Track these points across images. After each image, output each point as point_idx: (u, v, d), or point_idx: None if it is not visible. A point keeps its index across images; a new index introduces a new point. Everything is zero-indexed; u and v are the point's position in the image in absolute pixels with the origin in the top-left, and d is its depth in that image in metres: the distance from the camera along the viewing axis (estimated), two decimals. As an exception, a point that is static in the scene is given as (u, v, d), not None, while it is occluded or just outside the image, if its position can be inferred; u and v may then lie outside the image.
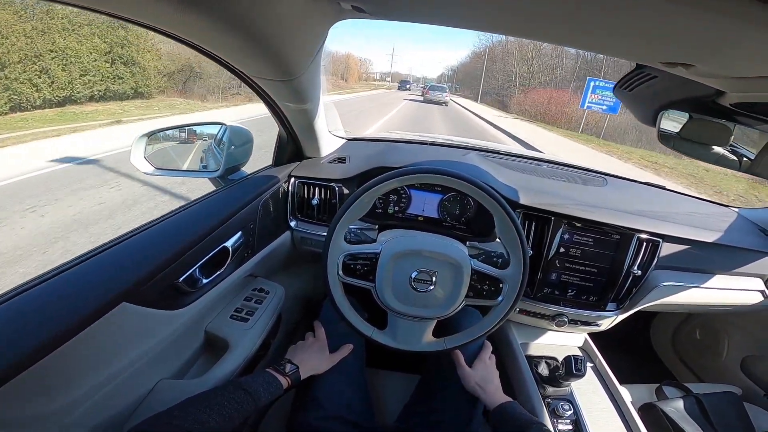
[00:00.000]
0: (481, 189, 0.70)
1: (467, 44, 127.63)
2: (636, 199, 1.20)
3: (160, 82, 12.56)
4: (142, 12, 0.46)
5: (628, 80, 0.67)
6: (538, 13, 0.45)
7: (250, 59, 0.61)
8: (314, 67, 0.74)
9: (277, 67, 0.65)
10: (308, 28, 0.61)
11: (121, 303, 0.55)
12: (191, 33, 0.52)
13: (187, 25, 0.47)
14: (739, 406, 1.12)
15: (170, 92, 13.05)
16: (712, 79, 0.50)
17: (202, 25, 0.47)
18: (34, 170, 4.32)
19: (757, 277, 1.12)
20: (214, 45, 0.57)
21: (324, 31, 0.66)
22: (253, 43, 0.55)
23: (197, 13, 0.44)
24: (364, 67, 63.56)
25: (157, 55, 12.23)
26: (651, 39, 0.44)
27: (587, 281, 1.04)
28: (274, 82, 0.73)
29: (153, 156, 1.01)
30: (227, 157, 0.99)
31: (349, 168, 1.13)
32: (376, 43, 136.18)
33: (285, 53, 0.62)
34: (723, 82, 0.50)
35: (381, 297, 0.75)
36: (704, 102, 0.59)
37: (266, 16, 0.50)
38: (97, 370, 0.54)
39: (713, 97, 0.57)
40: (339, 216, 0.74)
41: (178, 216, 0.77)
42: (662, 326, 1.73)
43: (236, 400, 0.60)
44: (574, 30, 0.48)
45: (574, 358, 0.86)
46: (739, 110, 0.60)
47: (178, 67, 13.30)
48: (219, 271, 0.80)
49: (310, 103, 0.90)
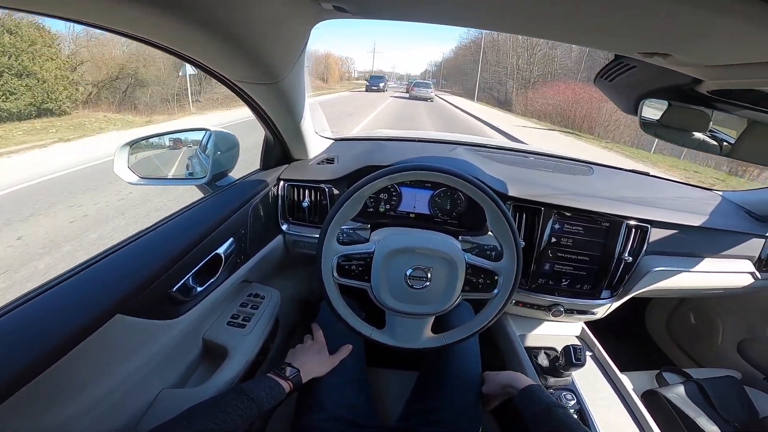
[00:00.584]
0: (470, 183, 0.71)
1: (452, 38, 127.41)
2: (622, 187, 1.22)
3: (75, 93, 10.48)
4: (121, 21, 0.45)
5: (608, 71, 0.69)
6: (517, 6, 0.46)
7: (233, 63, 0.61)
8: (298, 69, 0.74)
9: (260, 70, 0.65)
10: (290, 30, 0.61)
11: (115, 315, 0.55)
12: (171, 39, 0.51)
13: (167, 31, 0.46)
14: (740, 389, 1.12)
15: (106, 105, 11.08)
16: (689, 67, 0.51)
17: (182, 31, 0.46)
18: None
19: (746, 258, 1.14)
20: (195, 50, 0.56)
21: (306, 32, 0.66)
22: (234, 48, 0.54)
23: (176, 19, 0.43)
24: (346, 66, 62.39)
25: (67, 62, 10.39)
26: (628, 30, 0.45)
27: (580, 270, 1.06)
28: (258, 86, 0.72)
29: (137, 165, 0.99)
30: (213, 163, 0.97)
31: (337, 168, 1.13)
32: (358, 41, 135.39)
33: (268, 56, 0.62)
34: (699, 71, 0.51)
35: (377, 296, 0.75)
36: (682, 90, 0.61)
37: (247, 19, 0.50)
38: (97, 383, 0.54)
39: (691, 85, 0.59)
40: (330, 218, 0.74)
41: (168, 225, 0.76)
42: (656, 312, 1.76)
43: (240, 406, 0.60)
44: (552, 22, 0.48)
45: (573, 348, 0.86)
46: (716, 97, 0.61)
47: (110, 75, 11.41)
48: (212, 279, 0.79)
49: (296, 105, 0.89)
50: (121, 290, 0.57)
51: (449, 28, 63.25)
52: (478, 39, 32.66)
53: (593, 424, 0.83)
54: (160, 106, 12.66)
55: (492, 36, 27.79)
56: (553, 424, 0.64)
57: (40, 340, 0.46)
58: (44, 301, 0.52)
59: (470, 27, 0.55)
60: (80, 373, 0.51)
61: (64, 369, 0.47)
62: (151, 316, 0.63)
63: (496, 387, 0.82)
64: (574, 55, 21.86)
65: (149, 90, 12.69)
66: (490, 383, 0.84)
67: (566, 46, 20.11)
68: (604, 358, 1.03)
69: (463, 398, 0.82)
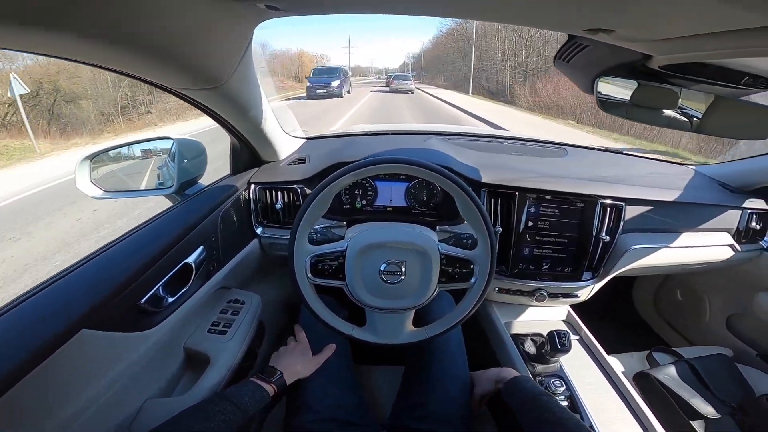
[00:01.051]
0: (435, 171, 0.70)
1: (430, 29, 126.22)
2: (596, 166, 1.22)
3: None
4: (50, 46, 0.43)
5: (564, 52, 0.69)
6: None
7: (169, 72, 0.59)
8: (243, 71, 0.73)
9: (199, 75, 0.63)
10: (225, 34, 0.60)
11: (80, 330, 0.54)
12: (97, 57, 0.49)
13: (92, 49, 0.45)
14: (732, 367, 1.10)
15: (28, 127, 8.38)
16: (636, 43, 0.51)
17: (109, 46, 0.45)
18: None
19: (724, 231, 1.15)
20: (127, 64, 0.54)
21: (244, 34, 0.65)
22: (167, 56, 0.53)
23: (99, 36, 0.42)
24: (321, 63, 61.26)
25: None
26: (570, 7, 0.45)
27: (560, 252, 1.06)
28: (200, 92, 0.71)
29: (101, 179, 0.97)
30: (180, 171, 0.95)
31: (309, 168, 1.11)
32: (332, 38, 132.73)
33: (204, 62, 0.61)
34: (646, 46, 0.52)
35: (354, 294, 0.75)
36: (635, 67, 0.61)
37: (175, 27, 0.49)
38: (68, 399, 0.53)
39: (642, 61, 0.59)
40: (298, 220, 0.73)
41: (133, 237, 0.75)
42: (643, 292, 1.77)
43: (223, 411, 0.60)
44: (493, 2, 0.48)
45: (557, 333, 0.86)
46: (669, 72, 0.62)
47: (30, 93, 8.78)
48: (184, 288, 0.78)
49: (251, 107, 0.88)
50: (85, 305, 0.56)
51: (427, 19, 59.39)
52: (459, 27, 30.76)
53: (584, 410, 0.82)
54: (96, 124, 11.13)
55: (479, 21, 23.04)
56: (539, 411, 0.65)
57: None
58: (4, 322, 0.51)
59: (404, 14, 0.54)
60: (49, 392, 0.51)
61: (29, 389, 0.47)
62: (121, 328, 0.62)
63: (486, 384, 0.83)
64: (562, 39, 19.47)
65: (83, 105, 11.04)
66: (479, 382, 0.84)
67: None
68: (591, 341, 1.02)
69: (449, 390, 0.82)
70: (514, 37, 21.49)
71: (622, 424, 0.80)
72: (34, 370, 0.47)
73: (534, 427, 0.64)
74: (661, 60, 0.56)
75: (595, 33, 0.49)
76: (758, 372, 1.13)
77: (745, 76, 0.60)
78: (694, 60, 0.52)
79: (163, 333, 0.72)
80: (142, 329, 0.67)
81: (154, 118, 12.87)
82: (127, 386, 0.65)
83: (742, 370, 1.09)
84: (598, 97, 0.69)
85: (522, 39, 20.71)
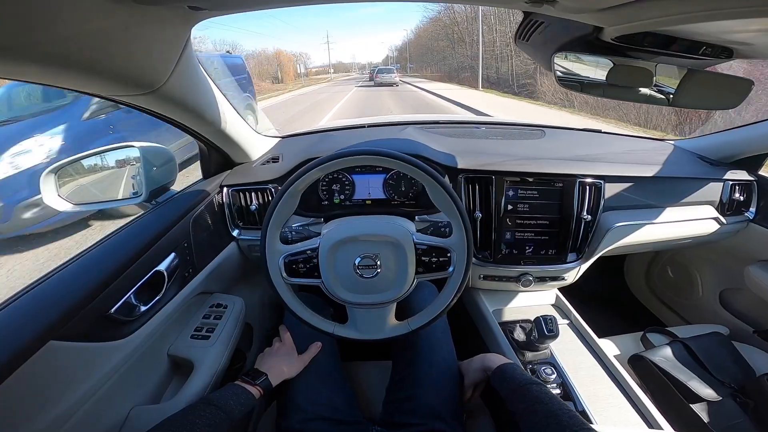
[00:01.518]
0: (400, 159, 0.69)
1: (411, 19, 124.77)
2: (573, 146, 1.21)
3: None
4: None
5: (522, 30, 0.67)
6: None
7: (92, 80, 0.58)
8: (182, 72, 0.71)
9: (130, 82, 0.62)
10: (153, 37, 0.58)
11: (48, 342, 0.54)
12: (18, 73, 0.48)
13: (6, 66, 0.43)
14: (729, 346, 1.07)
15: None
16: (583, 14, 0.50)
17: (22, 60, 0.44)
18: None
19: (707, 204, 1.14)
20: (42, 77, 0.53)
21: (176, 36, 0.63)
22: (86, 65, 0.52)
23: (11, 49, 0.41)
24: (302, 61, 59.69)
25: None
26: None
27: (542, 235, 1.05)
28: (139, 97, 0.69)
29: (69, 192, 0.95)
30: (147, 179, 0.93)
31: (282, 166, 1.10)
32: (310, 35, 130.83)
33: (132, 67, 0.59)
34: (594, 17, 0.50)
35: (331, 291, 0.74)
36: (589, 41, 0.60)
37: (91, 35, 0.48)
38: (43, 409, 0.53)
39: (594, 34, 0.58)
40: (267, 220, 0.72)
41: (101, 247, 0.74)
42: (634, 270, 1.75)
43: (208, 416, 0.60)
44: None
45: (544, 319, 0.85)
46: (625, 45, 0.60)
47: None
48: (158, 296, 0.77)
49: (206, 110, 0.86)
50: (51, 317, 0.56)
51: (409, 9, 59.03)
52: (444, 14, 28.78)
53: (577, 398, 0.80)
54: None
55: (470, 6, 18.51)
56: (528, 402, 0.63)
57: None
58: None
59: (329, 3, 0.52)
60: (20, 405, 0.51)
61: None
62: (92, 338, 0.62)
63: (475, 375, 0.81)
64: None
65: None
66: (467, 372, 0.83)
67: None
68: (582, 325, 1.00)
69: (437, 383, 0.81)
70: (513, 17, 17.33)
71: (618, 410, 0.78)
72: (2, 382, 0.47)
73: (526, 418, 0.62)
74: (611, 32, 0.55)
75: (539, 5, 0.48)
76: (756, 350, 1.10)
77: (702, 45, 0.59)
78: (643, 29, 0.51)
79: (141, 341, 0.72)
80: (116, 338, 0.66)
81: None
82: (108, 395, 0.66)
83: (739, 348, 1.07)
84: (557, 73, 0.67)
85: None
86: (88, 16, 0.45)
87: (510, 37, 17.61)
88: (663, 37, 0.58)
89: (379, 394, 0.88)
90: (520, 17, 0.63)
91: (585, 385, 0.83)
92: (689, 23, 0.44)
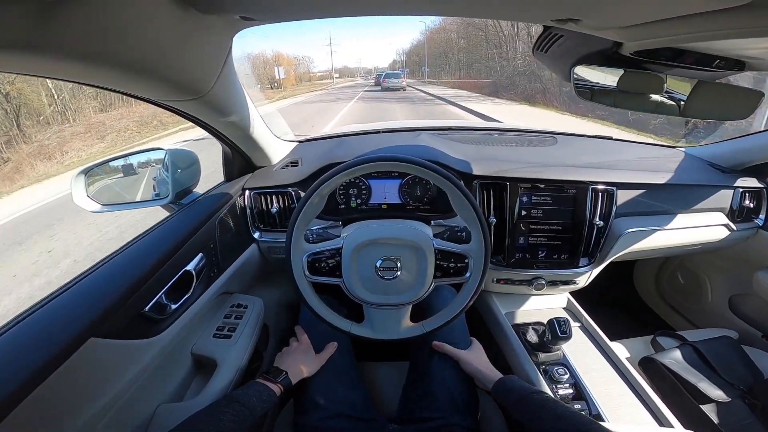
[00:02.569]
0: (424, 167, 0.71)
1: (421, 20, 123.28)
2: (585, 153, 1.23)
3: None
4: (33, 66, 0.44)
5: (541, 42, 0.70)
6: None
7: (151, 87, 0.61)
8: (225, 80, 0.74)
9: (180, 87, 0.65)
10: (205, 45, 0.61)
11: (89, 339, 0.56)
12: (80, 75, 0.51)
13: (74, 67, 0.46)
14: (738, 349, 1.07)
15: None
16: (604, 31, 0.52)
17: (92, 65, 0.46)
18: None
19: (718, 211, 1.15)
20: (107, 81, 0.56)
21: (222, 44, 0.66)
22: (147, 72, 0.54)
23: (82, 54, 0.43)
24: (304, 65, 58.00)
25: None
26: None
27: (555, 240, 1.06)
28: (186, 102, 0.72)
29: (97, 193, 0.98)
30: (174, 181, 0.97)
31: (302, 170, 1.13)
32: (311, 36, 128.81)
33: (184, 74, 0.62)
34: (614, 33, 0.53)
35: (351, 290, 0.77)
36: (607, 54, 0.62)
37: (154, 43, 0.50)
38: (83, 407, 0.55)
39: (613, 48, 0.60)
40: (293, 220, 0.75)
41: (134, 247, 0.77)
42: (644, 275, 1.75)
43: (232, 413, 0.62)
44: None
45: (557, 321, 0.86)
46: (642, 58, 0.63)
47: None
48: (187, 295, 0.80)
49: (238, 114, 0.89)
50: (92, 314, 0.58)
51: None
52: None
53: (590, 397, 0.82)
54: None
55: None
56: (532, 410, 0.65)
57: (11, 373, 0.47)
58: (12, 335, 0.53)
59: (375, 14, 0.55)
60: (63, 400, 0.52)
61: (43, 398, 0.48)
62: (128, 336, 0.64)
63: (473, 367, 0.83)
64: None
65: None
66: (468, 363, 0.85)
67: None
68: (593, 328, 1.02)
69: (456, 378, 0.83)
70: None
71: (630, 410, 0.80)
72: (48, 378, 0.49)
73: (534, 426, 0.63)
74: (631, 46, 0.57)
75: (564, 23, 0.50)
76: (765, 353, 1.11)
77: (716, 59, 0.61)
78: (662, 45, 0.53)
79: (169, 339, 0.74)
80: (148, 336, 0.69)
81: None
82: (139, 392, 0.68)
83: (748, 351, 1.08)
84: (575, 84, 0.70)
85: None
86: (154, 23, 0.48)
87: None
88: (678, 50, 0.60)
89: (393, 393, 0.90)
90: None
91: (597, 386, 0.85)
92: (708, 41, 0.47)
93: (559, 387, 0.85)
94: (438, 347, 0.87)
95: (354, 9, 0.53)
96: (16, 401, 0.45)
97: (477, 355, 0.88)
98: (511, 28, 17.63)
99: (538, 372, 0.88)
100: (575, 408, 0.79)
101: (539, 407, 0.65)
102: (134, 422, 0.67)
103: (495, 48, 19.29)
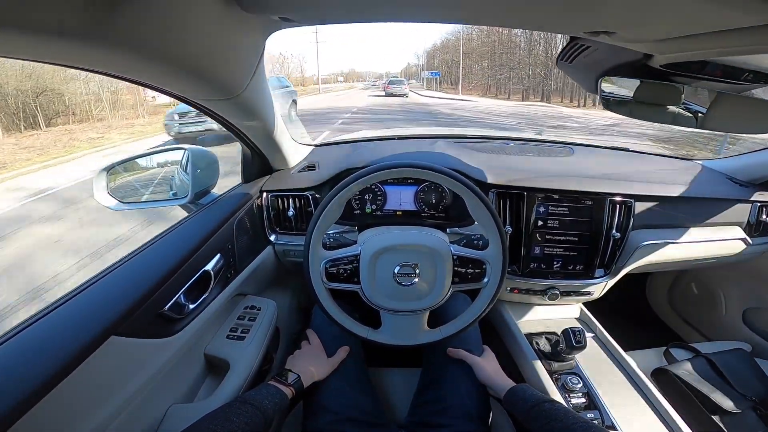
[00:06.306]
0: (444, 174, 0.72)
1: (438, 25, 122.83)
2: (603, 164, 1.22)
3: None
4: (77, 58, 0.45)
5: (567, 52, 0.70)
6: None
7: (188, 84, 0.61)
8: (257, 81, 0.75)
9: (217, 87, 0.65)
10: (241, 45, 0.62)
11: (109, 337, 0.56)
12: (124, 69, 0.52)
13: (118, 62, 0.47)
14: (751, 362, 1.07)
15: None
16: (637, 43, 0.53)
17: (133, 59, 0.47)
18: None
19: (735, 225, 1.14)
20: (151, 78, 0.56)
21: (258, 45, 0.66)
22: (189, 70, 0.55)
23: (125, 50, 0.44)
24: (295, 64, 56.53)
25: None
26: (571, 10, 0.46)
27: (571, 251, 1.05)
28: (218, 102, 0.73)
29: (116, 189, 1.00)
30: (194, 181, 0.98)
31: (319, 174, 1.13)
32: (304, 32, 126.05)
33: (222, 73, 0.63)
34: (647, 46, 0.53)
35: (369, 297, 0.77)
36: (636, 66, 0.63)
37: (193, 41, 0.51)
38: (101, 404, 0.55)
39: (643, 60, 0.60)
40: (312, 227, 0.75)
41: (154, 246, 0.77)
42: (657, 287, 1.74)
43: (244, 414, 0.62)
44: (498, 8, 0.49)
45: (572, 331, 0.85)
46: (671, 71, 0.63)
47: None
48: (204, 295, 0.80)
49: (264, 116, 0.90)
50: (113, 313, 0.58)
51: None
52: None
53: (603, 407, 0.82)
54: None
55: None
56: (543, 420, 0.64)
57: (34, 368, 0.47)
58: (36, 331, 0.53)
59: (410, 21, 0.56)
60: (82, 398, 0.52)
61: (63, 395, 0.48)
62: (147, 335, 0.64)
63: (485, 373, 0.82)
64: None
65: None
66: (483, 370, 0.84)
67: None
68: (606, 338, 1.02)
69: (468, 385, 0.82)
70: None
71: (643, 420, 0.79)
72: (70, 375, 0.49)
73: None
74: (661, 59, 0.58)
75: (596, 35, 0.51)
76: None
77: (745, 72, 0.61)
78: (694, 58, 0.54)
79: (185, 340, 0.74)
80: (166, 336, 0.69)
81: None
82: (152, 392, 0.67)
83: (761, 364, 1.07)
84: (602, 96, 0.70)
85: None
86: (198, 16, 0.48)
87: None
88: (707, 62, 0.61)
89: (404, 399, 0.90)
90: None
91: (610, 395, 0.85)
92: (743, 54, 0.47)
93: (572, 396, 0.85)
94: (453, 353, 0.86)
95: (395, 15, 0.54)
96: (38, 397, 0.45)
97: (490, 362, 0.87)
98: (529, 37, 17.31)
99: (551, 380, 0.88)
100: (588, 417, 0.78)
101: (550, 417, 0.64)
102: (146, 422, 0.67)
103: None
